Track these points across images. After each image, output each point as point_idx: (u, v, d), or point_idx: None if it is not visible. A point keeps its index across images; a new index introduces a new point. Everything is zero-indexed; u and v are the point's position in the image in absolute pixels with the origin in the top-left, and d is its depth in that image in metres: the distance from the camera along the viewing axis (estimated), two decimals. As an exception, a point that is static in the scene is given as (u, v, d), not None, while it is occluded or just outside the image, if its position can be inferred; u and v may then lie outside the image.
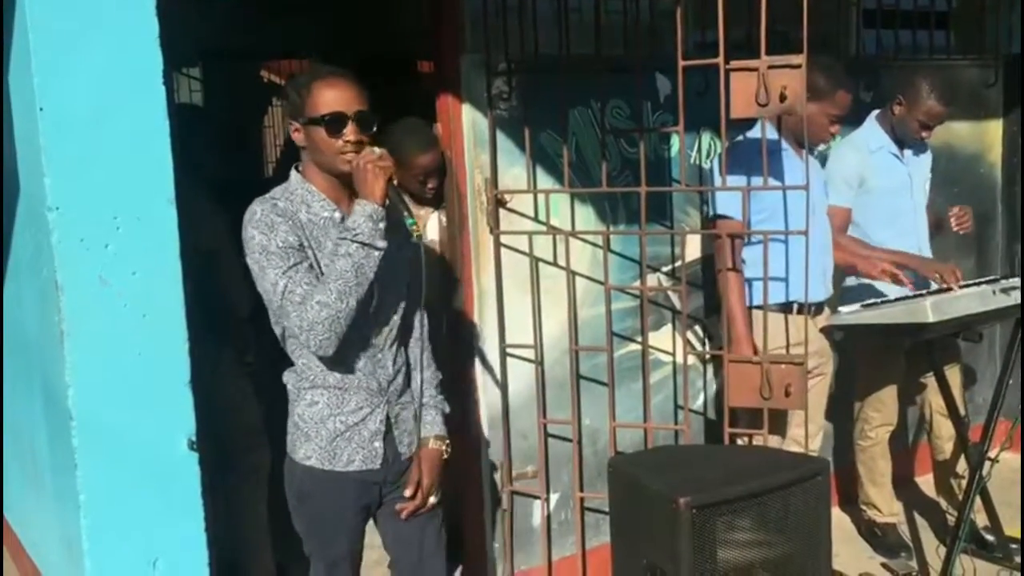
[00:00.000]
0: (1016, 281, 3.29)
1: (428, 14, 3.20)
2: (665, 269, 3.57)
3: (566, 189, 3.20)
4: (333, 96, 2.13)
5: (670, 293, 3.54)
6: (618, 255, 3.38)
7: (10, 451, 3.05)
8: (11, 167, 2.29)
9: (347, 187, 2.20)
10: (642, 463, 2.66)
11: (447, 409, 2.45)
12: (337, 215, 2.20)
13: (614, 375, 3.20)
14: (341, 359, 2.20)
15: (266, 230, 2.10)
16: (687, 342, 3.29)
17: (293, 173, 2.25)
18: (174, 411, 2.14)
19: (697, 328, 3.63)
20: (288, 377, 2.30)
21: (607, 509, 2.72)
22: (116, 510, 2.10)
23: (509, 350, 3.22)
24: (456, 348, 3.22)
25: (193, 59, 6.30)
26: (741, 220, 3.07)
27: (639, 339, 3.28)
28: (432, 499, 2.36)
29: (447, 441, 2.40)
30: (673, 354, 3.56)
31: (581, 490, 3.32)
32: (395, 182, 2.17)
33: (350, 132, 2.13)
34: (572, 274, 3.21)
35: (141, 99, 2.06)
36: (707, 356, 3.61)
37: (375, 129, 2.19)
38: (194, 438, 2.16)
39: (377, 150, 2.14)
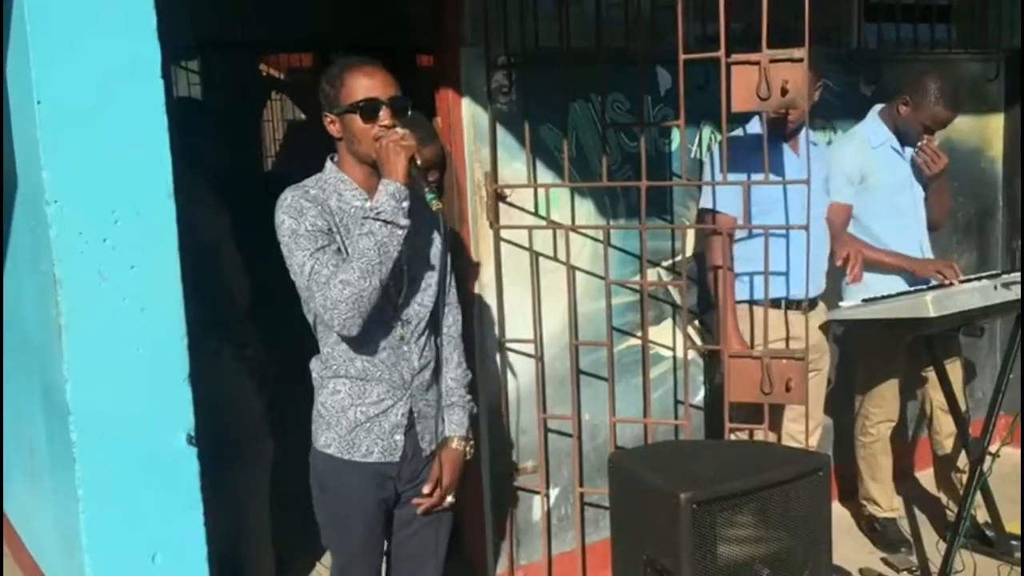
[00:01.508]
0: (1017, 276, 3.29)
1: (429, 7, 3.19)
2: (665, 264, 3.56)
3: (566, 183, 3.19)
4: (366, 83, 2.15)
5: (670, 288, 3.53)
6: (618, 250, 3.37)
7: (9, 446, 3.04)
8: (9, 161, 2.28)
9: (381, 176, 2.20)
10: (642, 458, 2.66)
11: (475, 410, 2.44)
12: (368, 204, 2.18)
13: (614, 370, 3.19)
14: (365, 348, 2.21)
15: (295, 215, 2.12)
16: (687, 337, 3.29)
17: (328, 163, 2.26)
18: (173, 405, 2.13)
19: (697, 323, 3.63)
20: (313, 365, 2.31)
21: (607, 504, 2.71)
22: (115, 505, 2.09)
23: (509, 345, 3.21)
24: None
25: (192, 52, 6.29)
26: (736, 216, 3.07)
27: (639, 334, 3.28)
28: (449, 499, 2.36)
29: (471, 442, 2.40)
30: (673, 349, 3.56)
31: (581, 485, 3.32)
32: (418, 161, 2.16)
33: (385, 116, 2.15)
34: (572, 269, 3.21)
35: (139, 92, 2.05)
36: (705, 352, 3.60)
37: (409, 112, 2.20)
38: (193, 432, 2.16)
39: (400, 130, 2.15)
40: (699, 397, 3.67)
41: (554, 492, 3.37)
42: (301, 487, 2.39)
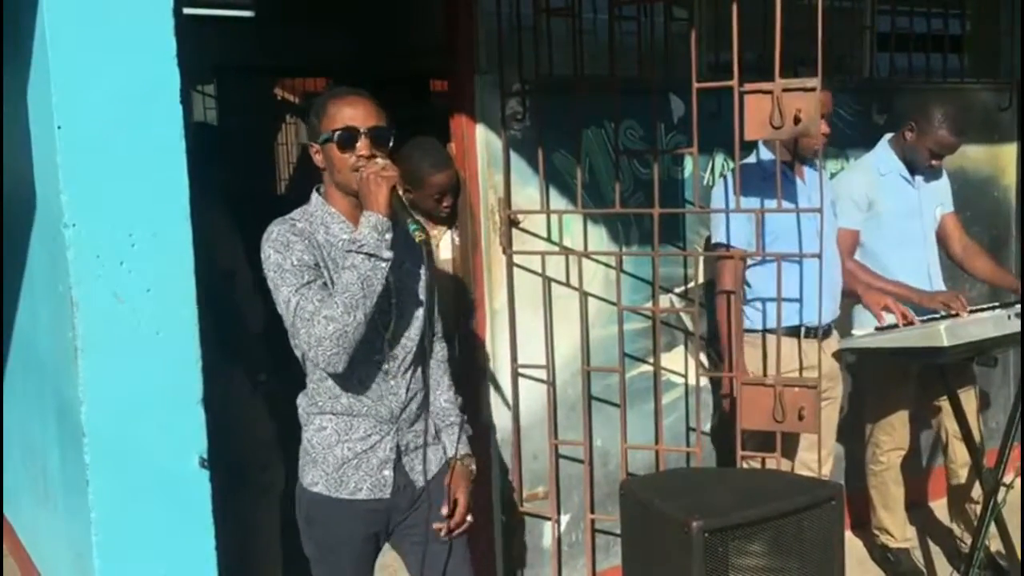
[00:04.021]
0: (1031, 305, 3.27)
1: (443, 34, 3.22)
2: (677, 290, 3.56)
3: (579, 210, 3.20)
4: (346, 113, 2.13)
5: (682, 314, 3.53)
6: (630, 276, 3.37)
7: (22, 467, 3.05)
8: (28, 184, 2.31)
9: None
10: (654, 485, 2.65)
11: (470, 431, 2.41)
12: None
13: (626, 396, 3.18)
14: (351, 384, 2.18)
15: (281, 248, 2.09)
16: (699, 363, 3.28)
17: (314, 195, 2.23)
18: (186, 428, 2.14)
19: (709, 349, 3.62)
20: (300, 400, 2.28)
21: (618, 531, 2.70)
22: (127, 527, 2.10)
23: (521, 370, 3.21)
24: (468, 368, 3.21)
25: (207, 76, 6.34)
26: (745, 248, 3.08)
27: (651, 360, 3.27)
28: (469, 517, 2.32)
29: (474, 460, 2.38)
30: (685, 375, 3.55)
31: (592, 512, 3.30)
32: (400, 192, 2.12)
33: (362, 146, 2.12)
34: (584, 294, 3.21)
35: (158, 117, 2.07)
36: (716, 378, 3.59)
37: (391, 144, 2.17)
38: (205, 455, 2.16)
39: (380, 161, 2.11)
40: (711, 424, 3.66)
41: (565, 519, 3.35)
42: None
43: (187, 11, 3.16)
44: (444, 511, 2.27)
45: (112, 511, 2.08)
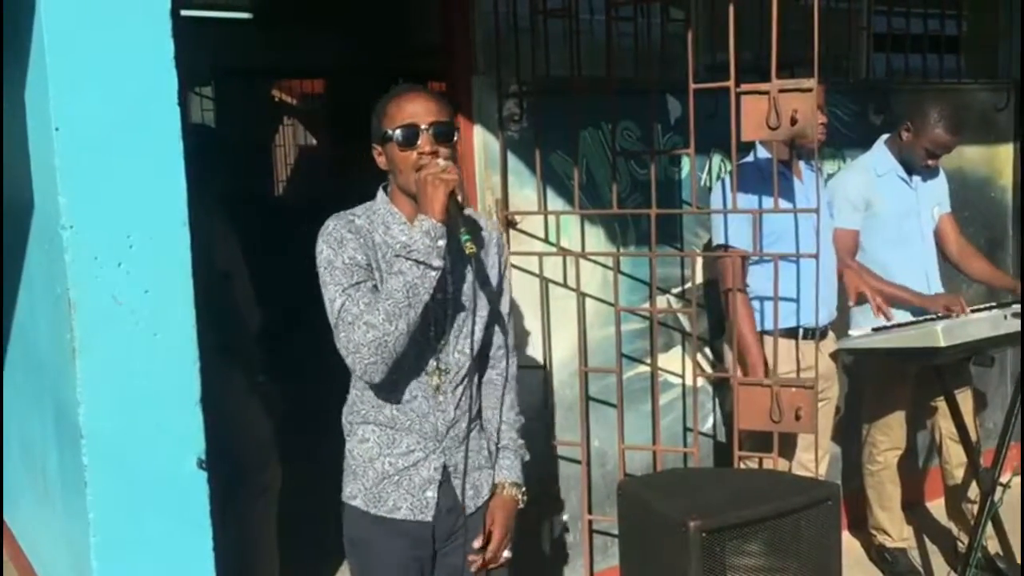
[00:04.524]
0: (1028, 305, 3.28)
1: (440, 36, 3.22)
2: (675, 291, 3.57)
3: (576, 211, 3.20)
4: (406, 109, 2.03)
5: (680, 315, 3.54)
6: (628, 276, 3.38)
7: (20, 469, 3.05)
8: (26, 186, 2.31)
9: None
10: (651, 486, 2.65)
11: (527, 456, 2.26)
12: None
13: (623, 397, 3.19)
14: (396, 396, 2.08)
15: (335, 245, 2.01)
16: (696, 364, 3.29)
17: (380, 192, 2.14)
18: (184, 430, 2.14)
19: (707, 350, 3.62)
20: (344, 410, 2.20)
21: (616, 532, 2.70)
22: (125, 528, 2.10)
23: (518, 371, 3.21)
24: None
25: (206, 78, 6.35)
26: (746, 248, 3.08)
27: (648, 361, 3.28)
28: (506, 553, 2.18)
29: (523, 489, 2.21)
30: (682, 376, 3.56)
31: (590, 512, 3.30)
32: (460, 197, 2.00)
33: (424, 142, 2.01)
34: (582, 295, 3.22)
35: (156, 120, 2.07)
36: (715, 378, 3.60)
37: (455, 140, 2.07)
38: (203, 456, 2.16)
39: (443, 162, 2.00)
40: (708, 425, 3.67)
41: (562, 519, 3.36)
42: (308, 513, 2.37)
43: (185, 13, 3.16)
44: (477, 544, 2.14)
45: (110, 512, 2.08)
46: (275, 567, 3.21)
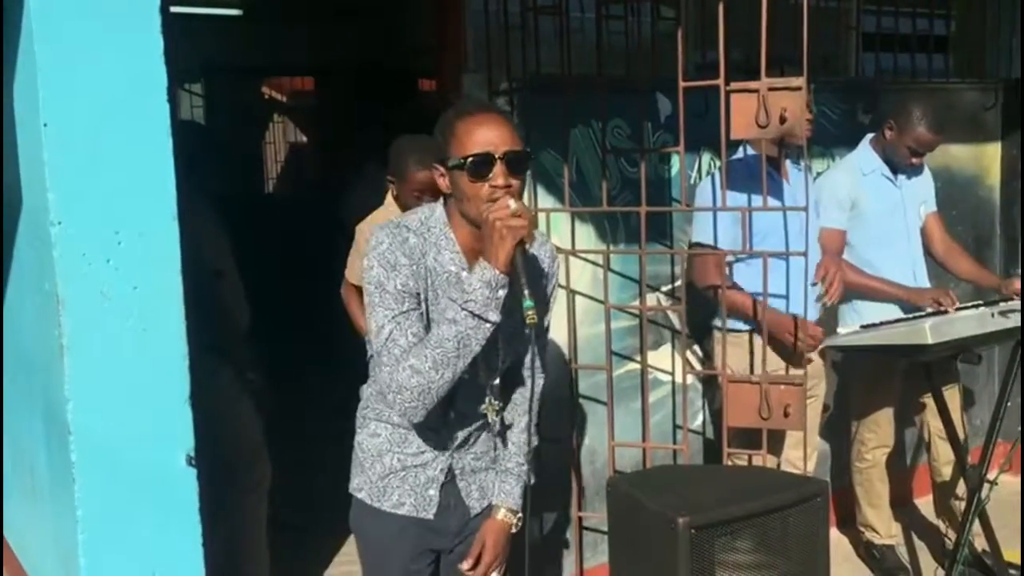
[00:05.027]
0: (1015, 303, 3.30)
1: (432, 33, 3.22)
2: (664, 288, 3.58)
3: (566, 208, 3.21)
4: (479, 136, 1.89)
5: (669, 312, 3.55)
6: (618, 274, 3.39)
7: (8, 466, 3.04)
8: (14, 181, 2.30)
9: None
10: (641, 483, 2.66)
11: (531, 481, 2.19)
12: (464, 274, 1.96)
13: (613, 394, 3.20)
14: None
15: (387, 267, 1.92)
16: (686, 361, 3.30)
17: (440, 208, 2.02)
18: (173, 426, 2.13)
19: (696, 347, 3.63)
20: (359, 404, 2.19)
21: (606, 529, 2.71)
22: (114, 525, 2.09)
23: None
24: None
25: (196, 75, 6.33)
26: (731, 247, 3.09)
27: (638, 358, 3.29)
28: (494, 575, 2.16)
29: (519, 516, 2.17)
30: (672, 373, 3.57)
31: (580, 509, 3.31)
32: (527, 246, 1.89)
33: (498, 174, 1.88)
34: (572, 293, 3.22)
35: (145, 115, 2.06)
36: (704, 375, 3.61)
37: (528, 170, 1.97)
38: (193, 454, 2.16)
39: (513, 204, 1.85)
40: (698, 422, 3.68)
41: (553, 516, 3.36)
42: (298, 510, 2.37)
43: (175, 9, 3.15)
44: (466, 565, 2.13)
45: (98, 509, 2.07)
46: (265, 564, 3.21)
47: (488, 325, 1.88)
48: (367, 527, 2.17)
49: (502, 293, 1.87)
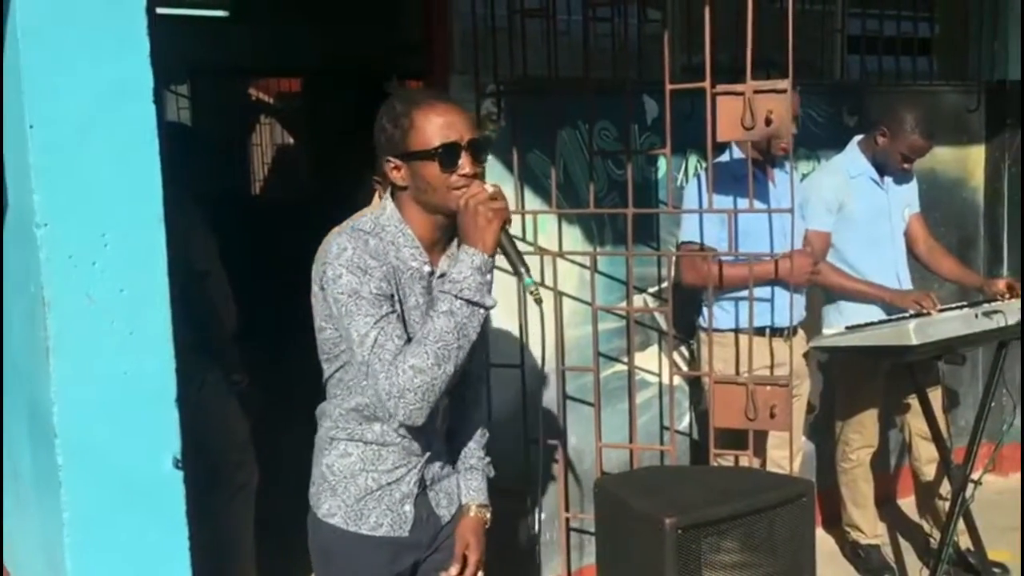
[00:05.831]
0: (998, 304, 3.33)
1: (418, 34, 3.23)
2: (651, 290, 3.59)
3: (554, 210, 3.21)
4: (442, 124, 1.87)
5: (656, 314, 3.56)
6: (605, 276, 3.39)
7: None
8: (-1, 183, 2.29)
9: (446, 230, 1.96)
10: (628, 484, 2.67)
11: (492, 473, 2.21)
12: (426, 268, 1.96)
13: (600, 395, 3.20)
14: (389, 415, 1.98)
15: (358, 273, 1.86)
16: (673, 363, 3.31)
17: (388, 203, 1.98)
18: (160, 429, 2.13)
19: (683, 348, 3.65)
20: (321, 420, 2.09)
21: (593, 530, 2.72)
22: (100, 528, 2.08)
23: (495, 369, 3.22)
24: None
25: (182, 76, 6.30)
26: (716, 247, 3.10)
27: (625, 359, 3.30)
28: (480, 575, 2.14)
29: (489, 509, 2.18)
30: (659, 374, 3.58)
31: (567, 510, 3.32)
32: (509, 227, 1.90)
33: (466, 164, 1.87)
34: (559, 294, 3.23)
35: (131, 117, 2.06)
36: (690, 377, 3.62)
37: (486, 159, 1.96)
38: (180, 456, 2.15)
39: (490, 187, 1.87)
40: (684, 423, 3.69)
41: (539, 517, 3.37)
42: (285, 512, 2.37)
43: (161, 11, 3.14)
44: (454, 571, 2.09)
45: (85, 512, 2.06)
46: (252, 566, 3.21)
47: (483, 312, 1.87)
48: (339, 552, 2.07)
49: (490, 278, 1.87)
